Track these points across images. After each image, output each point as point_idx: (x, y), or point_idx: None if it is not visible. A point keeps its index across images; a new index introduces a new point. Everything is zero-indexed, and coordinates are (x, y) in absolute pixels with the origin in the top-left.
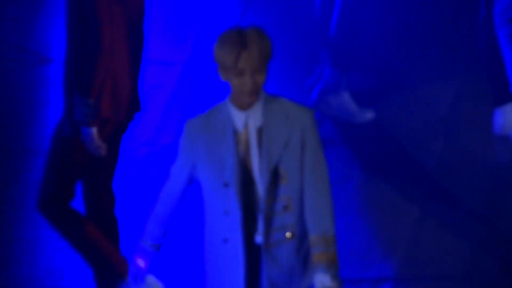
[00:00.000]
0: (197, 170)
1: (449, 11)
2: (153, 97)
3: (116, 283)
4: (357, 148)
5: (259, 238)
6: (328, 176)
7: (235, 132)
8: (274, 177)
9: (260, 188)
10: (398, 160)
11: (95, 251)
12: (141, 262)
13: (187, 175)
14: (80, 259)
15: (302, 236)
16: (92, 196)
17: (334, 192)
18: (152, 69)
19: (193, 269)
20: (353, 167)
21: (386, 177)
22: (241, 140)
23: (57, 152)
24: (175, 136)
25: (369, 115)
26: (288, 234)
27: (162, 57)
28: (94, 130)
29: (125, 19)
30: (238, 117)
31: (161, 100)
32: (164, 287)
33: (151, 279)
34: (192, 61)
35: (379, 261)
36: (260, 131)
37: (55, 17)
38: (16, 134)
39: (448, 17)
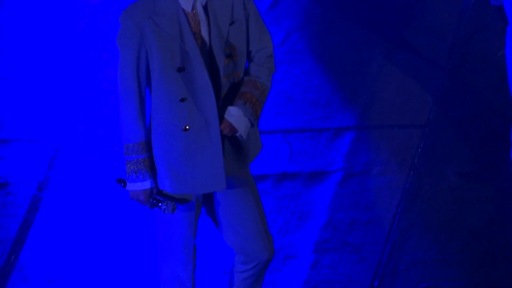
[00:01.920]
0: (148, 57)
1: None
2: None
3: None
4: None
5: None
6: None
7: (185, 13)
8: (226, 55)
9: (219, 67)
10: (360, 7)
11: None
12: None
13: (145, 65)
14: None
15: None
16: None
17: (292, 40)
18: None
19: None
20: (313, 15)
21: (347, 23)
22: (191, 20)
23: None
24: None
25: None
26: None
27: None
28: None
29: None
30: None
31: None
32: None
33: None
34: None
35: (340, 110)
36: (206, 10)
37: None
38: None
39: None
